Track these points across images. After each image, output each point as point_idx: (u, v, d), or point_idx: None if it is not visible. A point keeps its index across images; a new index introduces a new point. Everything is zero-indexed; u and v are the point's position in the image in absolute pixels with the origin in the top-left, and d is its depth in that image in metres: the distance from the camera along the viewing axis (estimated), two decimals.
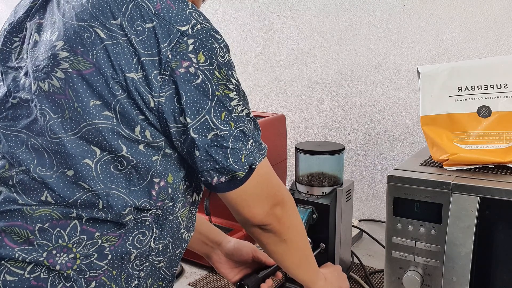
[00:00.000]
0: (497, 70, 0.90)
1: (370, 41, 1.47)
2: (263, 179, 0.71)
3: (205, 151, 0.65)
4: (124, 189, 0.64)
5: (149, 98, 0.62)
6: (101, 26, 0.61)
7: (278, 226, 0.75)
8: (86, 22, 0.62)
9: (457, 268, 0.80)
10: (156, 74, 0.61)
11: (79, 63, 0.61)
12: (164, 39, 0.61)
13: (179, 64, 0.61)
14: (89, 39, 0.61)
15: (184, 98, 0.62)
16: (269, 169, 0.73)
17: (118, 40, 0.61)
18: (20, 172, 0.64)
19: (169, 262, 0.76)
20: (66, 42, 0.62)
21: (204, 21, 0.65)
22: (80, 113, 0.62)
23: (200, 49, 0.62)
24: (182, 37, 0.62)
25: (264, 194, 0.72)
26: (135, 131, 0.63)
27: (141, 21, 0.61)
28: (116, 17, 0.62)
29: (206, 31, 0.64)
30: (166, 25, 0.62)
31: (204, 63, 0.63)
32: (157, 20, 0.62)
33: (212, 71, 0.63)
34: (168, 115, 0.63)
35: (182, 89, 0.62)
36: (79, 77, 0.61)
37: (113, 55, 0.61)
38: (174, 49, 0.61)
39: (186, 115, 0.63)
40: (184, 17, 0.63)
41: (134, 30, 0.61)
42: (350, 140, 1.56)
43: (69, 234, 0.64)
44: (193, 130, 0.63)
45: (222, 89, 0.65)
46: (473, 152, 0.88)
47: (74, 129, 0.62)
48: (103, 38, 0.61)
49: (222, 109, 0.65)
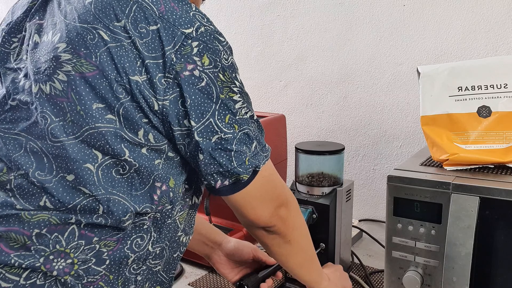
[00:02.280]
0: (497, 70, 0.90)
1: (370, 41, 1.47)
2: (267, 180, 0.71)
3: (209, 154, 0.64)
4: (126, 194, 0.64)
5: (153, 101, 0.61)
6: (104, 28, 0.61)
7: (283, 227, 0.75)
8: (89, 24, 0.61)
9: (457, 268, 0.80)
10: (161, 77, 0.61)
11: (82, 65, 0.60)
12: (168, 41, 0.61)
13: (184, 67, 0.61)
14: (93, 41, 0.60)
15: (189, 101, 0.62)
16: (273, 171, 0.73)
17: (122, 42, 0.60)
18: (18, 176, 0.63)
19: (166, 266, 0.76)
20: (68, 44, 0.61)
21: (207, 23, 0.64)
22: (83, 117, 0.61)
23: (204, 51, 0.62)
24: (187, 40, 0.61)
25: (268, 195, 0.72)
26: (138, 134, 0.62)
27: (145, 23, 0.61)
28: (120, 19, 0.61)
29: (210, 33, 0.63)
30: (170, 28, 0.61)
31: (209, 65, 0.62)
32: (161, 22, 0.61)
33: (217, 73, 0.63)
34: (172, 118, 0.62)
35: (187, 92, 0.61)
36: (82, 80, 0.60)
37: (117, 57, 0.60)
38: (179, 51, 0.61)
39: (191, 118, 0.62)
40: (188, 20, 0.62)
41: (138, 33, 0.61)
42: (350, 140, 1.56)
43: (67, 239, 0.62)
44: (197, 134, 0.63)
45: (226, 91, 0.64)
46: (473, 152, 0.88)
47: (76, 133, 0.61)
48: (106, 40, 0.60)
49: (227, 112, 0.64)
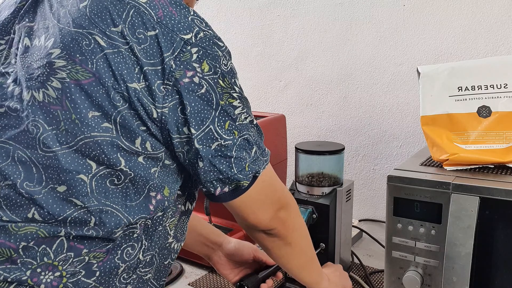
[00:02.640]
0: (497, 70, 0.90)
1: (370, 41, 1.47)
2: (267, 184, 0.70)
3: (209, 161, 0.63)
4: (120, 205, 0.62)
5: (152, 108, 0.59)
6: (100, 33, 0.59)
7: (283, 230, 0.75)
8: (85, 29, 0.59)
9: (457, 268, 0.80)
10: (160, 84, 0.59)
11: (77, 72, 0.58)
12: (167, 48, 0.59)
13: (183, 74, 0.60)
14: (88, 47, 0.58)
15: (189, 108, 0.60)
16: (272, 174, 0.72)
17: (119, 48, 0.58)
18: (5, 186, 0.60)
19: (157, 273, 0.74)
20: (63, 50, 0.59)
21: (206, 28, 0.63)
22: (78, 125, 0.59)
23: (204, 58, 0.61)
24: (186, 46, 0.60)
25: (268, 199, 0.72)
26: (136, 143, 0.61)
27: (143, 29, 0.59)
28: (117, 24, 0.59)
29: (209, 38, 0.62)
30: (169, 33, 0.59)
31: (208, 72, 0.61)
32: (160, 28, 0.59)
33: (216, 80, 0.62)
34: (172, 126, 0.61)
35: (186, 99, 0.60)
36: (77, 87, 0.58)
37: (114, 64, 0.58)
38: (178, 58, 0.59)
39: (190, 126, 0.61)
40: (187, 25, 0.61)
41: (136, 38, 0.59)
42: (350, 140, 1.56)
43: (55, 251, 0.60)
44: (197, 141, 0.62)
45: (226, 97, 0.63)
46: (473, 152, 0.88)
47: (69, 142, 0.59)
48: (103, 46, 0.58)
49: (226, 118, 0.63)
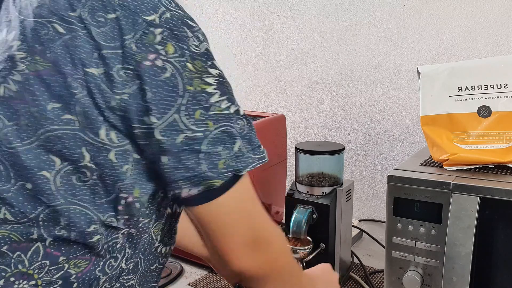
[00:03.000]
0: (497, 70, 0.90)
1: (370, 41, 1.47)
2: (252, 196, 0.62)
3: (174, 156, 0.56)
4: (88, 203, 0.57)
5: (111, 95, 0.54)
6: (59, 20, 0.54)
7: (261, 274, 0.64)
8: (44, 18, 0.55)
9: (457, 268, 0.80)
10: (120, 69, 0.54)
11: (36, 62, 0.54)
12: (128, 30, 0.54)
13: (145, 57, 0.54)
14: (47, 36, 0.54)
15: (149, 94, 0.54)
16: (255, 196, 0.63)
17: (77, 32, 0.54)
18: None
19: (142, 279, 0.68)
20: (23, 42, 0.55)
21: (175, 8, 0.57)
22: (37, 118, 0.54)
23: (169, 39, 0.55)
24: (149, 27, 0.54)
25: (245, 221, 0.62)
26: (100, 134, 0.55)
27: (103, 12, 0.54)
28: (75, 9, 0.54)
29: (178, 18, 0.56)
30: (131, 15, 0.54)
31: (174, 54, 0.55)
32: (121, 9, 0.54)
33: (183, 63, 0.56)
34: (132, 115, 0.55)
35: (148, 84, 0.54)
36: (37, 79, 0.54)
37: (72, 49, 0.54)
38: (140, 40, 0.54)
39: (151, 114, 0.54)
40: (152, 5, 0.56)
41: (96, 21, 0.54)
42: (350, 140, 1.56)
43: (31, 258, 0.56)
44: (159, 132, 0.55)
45: (196, 83, 0.56)
46: (473, 152, 0.88)
47: (30, 137, 0.55)
48: (62, 33, 0.54)
49: (196, 106, 0.56)
